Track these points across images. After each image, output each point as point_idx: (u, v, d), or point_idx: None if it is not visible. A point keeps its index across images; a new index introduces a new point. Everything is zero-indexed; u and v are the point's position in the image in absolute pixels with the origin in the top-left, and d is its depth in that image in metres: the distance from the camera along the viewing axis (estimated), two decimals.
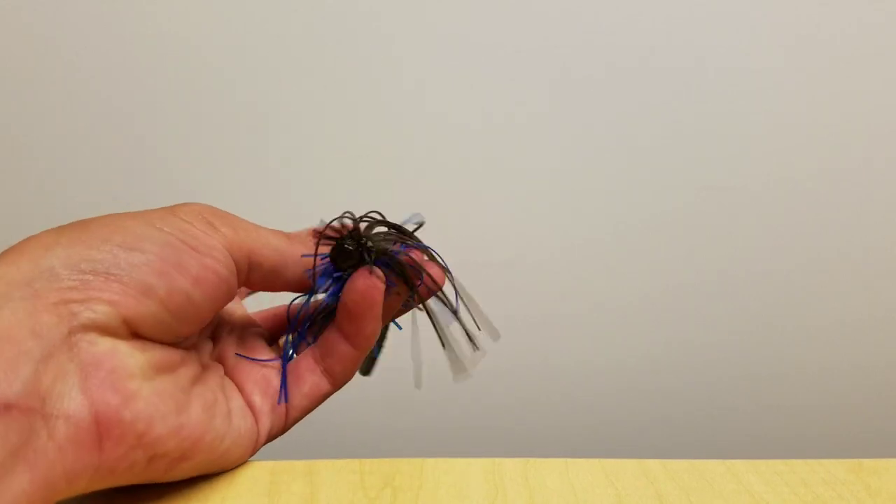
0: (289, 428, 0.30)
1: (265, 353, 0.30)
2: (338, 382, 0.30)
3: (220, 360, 0.29)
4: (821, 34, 0.56)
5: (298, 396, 0.29)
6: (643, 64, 0.56)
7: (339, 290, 0.28)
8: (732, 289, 0.62)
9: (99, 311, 0.22)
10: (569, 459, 0.28)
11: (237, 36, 0.55)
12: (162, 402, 0.23)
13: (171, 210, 0.25)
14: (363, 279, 0.28)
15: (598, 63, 0.56)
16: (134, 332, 0.23)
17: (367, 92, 0.56)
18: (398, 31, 0.55)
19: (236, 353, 0.29)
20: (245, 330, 0.31)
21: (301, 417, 0.30)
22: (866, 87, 0.57)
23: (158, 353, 0.24)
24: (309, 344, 0.30)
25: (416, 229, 0.30)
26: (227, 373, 0.29)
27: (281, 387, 0.29)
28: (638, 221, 0.60)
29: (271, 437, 0.29)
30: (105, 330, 0.22)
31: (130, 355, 0.23)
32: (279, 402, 0.29)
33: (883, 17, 0.55)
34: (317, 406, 0.30)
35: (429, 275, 0.29)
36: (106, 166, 0.57)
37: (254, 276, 0.27)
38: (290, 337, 0.30)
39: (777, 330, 0.63)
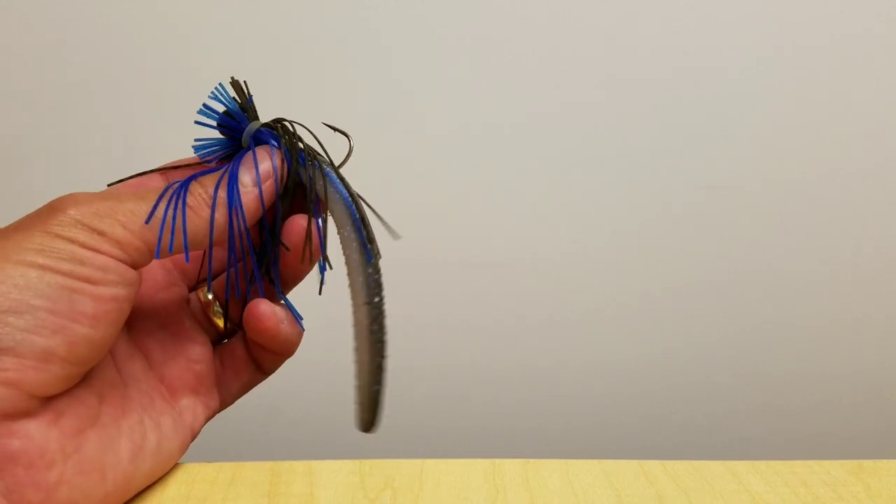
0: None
1: (193, 332, 0.29)
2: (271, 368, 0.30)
3: (141, 350, 0.27)
4: (821, 34, 0.56)
5: (237, 386, 0.29)
6: (642, 64, 0.56)
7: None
8: (732, 289, 0.62)
9: (2, 397, 0.20)
10: (569, 460, 0.28)
11: (233, 37, 0.55)
12: (86, 478, 0.22)
13: (45, 225, 0.22)
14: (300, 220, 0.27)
15: (597, 63, 0.56)
16: (43, 399, 0.22)
17: (368, 92, 0.56)
18: (399, 31, 0.55)
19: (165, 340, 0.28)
20: (167, 305, 0.29)
21: (232, 403, 0.30)
22: (866, 87, 0.57)
23: (74, 411, 0.23)
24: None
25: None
26: (152, 367, 0.27)
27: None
28: (637, 221, 0.60)
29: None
30: (13, 414, 0.21)
31: (46, 436, 0.22)
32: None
33: (882, 16, 0.55)
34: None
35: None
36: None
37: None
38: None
39: (777, 330, 0.63)
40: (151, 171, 0.28)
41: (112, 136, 0.56)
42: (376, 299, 0.27)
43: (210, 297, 0.29)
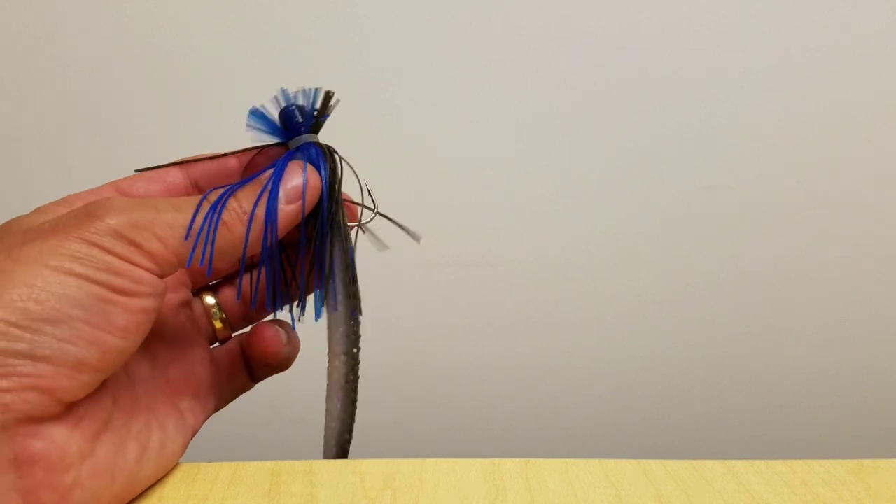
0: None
1: (196, 334, 0.29)
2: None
3: (149, 350, 0.28)
4: (821, 34, 0.56)
5: (230, 391, 0.30)
6: (643, 65, 0.56)
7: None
8: (732, 289, 0.62)
9: (33, 401, 0.21)
10: (569, 459, 0.28)
11: (231, 40, 0.55)
12: (98, 480, 0.23)
13: (82, 231, 0.22)
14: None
15: (598, 64, 0.56)
16: (68, 403, 0.22)
17: (368, 92, 0.56)
18: (398, 31, 0.55)
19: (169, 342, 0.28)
20: (174, 306, 0.29)
21: (223, 407, 0.30)
22: (868, 88, 0.57)
23: (92, 414, 0.23)
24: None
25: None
26: (157, 368, 0.27)
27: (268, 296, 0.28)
28: (639, 222, 0.60)
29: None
30: (41, 418, 0.21)
31: (68, 439, 0.22)
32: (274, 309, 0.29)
33: (884, 17, 0.55)
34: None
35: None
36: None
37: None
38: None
39: (777, 330, 0.63)
40: (170, 165, 0.28)
41: (112, 136, 0.56)
42: (354, 350, 0.28)
43: (212, 301, 0.30)
